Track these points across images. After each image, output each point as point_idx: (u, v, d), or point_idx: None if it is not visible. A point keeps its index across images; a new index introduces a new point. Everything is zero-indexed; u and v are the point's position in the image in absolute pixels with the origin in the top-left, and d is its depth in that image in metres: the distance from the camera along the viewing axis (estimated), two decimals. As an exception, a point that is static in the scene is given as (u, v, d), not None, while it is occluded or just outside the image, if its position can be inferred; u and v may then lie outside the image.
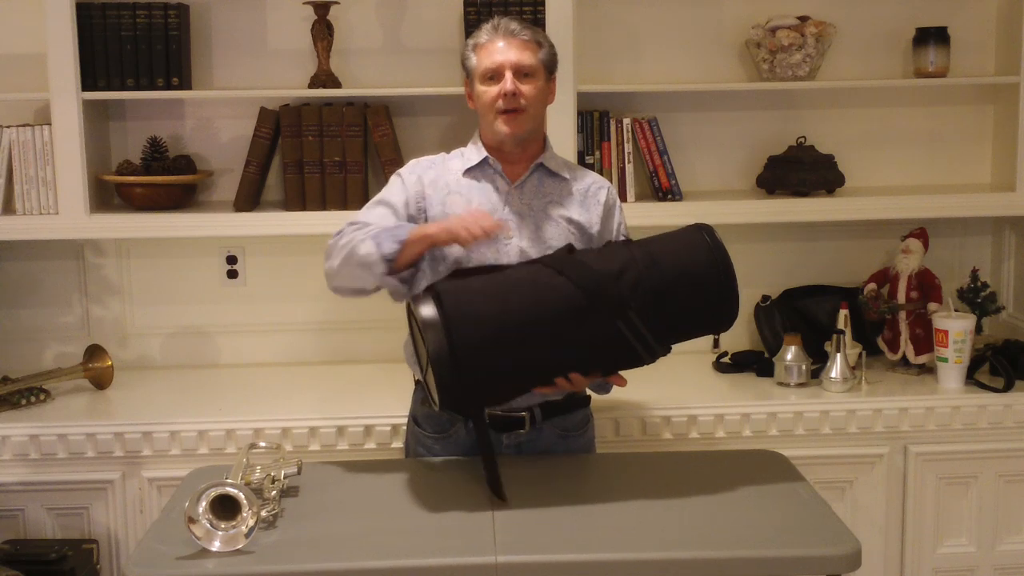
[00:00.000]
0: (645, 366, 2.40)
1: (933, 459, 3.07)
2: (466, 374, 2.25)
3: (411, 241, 2.42)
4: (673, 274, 2.35)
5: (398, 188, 2.61)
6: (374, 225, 2.50)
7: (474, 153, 2.60)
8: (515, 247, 2.53)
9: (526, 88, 2.51)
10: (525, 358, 2.31)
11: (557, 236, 2.55)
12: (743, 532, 2.20)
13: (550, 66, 2.59)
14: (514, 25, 2.54)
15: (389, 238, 2.42)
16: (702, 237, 2.41)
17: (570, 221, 2.58)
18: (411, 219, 2.56)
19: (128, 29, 3.16)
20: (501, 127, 2.52)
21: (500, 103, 2.50)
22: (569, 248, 2.47)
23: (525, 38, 2.53)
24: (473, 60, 2.55)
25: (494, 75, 2.51)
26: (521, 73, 2.51)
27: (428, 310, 2.28)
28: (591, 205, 2.61)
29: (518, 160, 2.59)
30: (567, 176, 2.62)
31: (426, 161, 2.66)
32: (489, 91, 2.52)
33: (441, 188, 2.58)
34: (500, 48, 2.51)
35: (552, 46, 2.60)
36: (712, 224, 3.31)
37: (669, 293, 2.34)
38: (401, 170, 2.65)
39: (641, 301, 2.31)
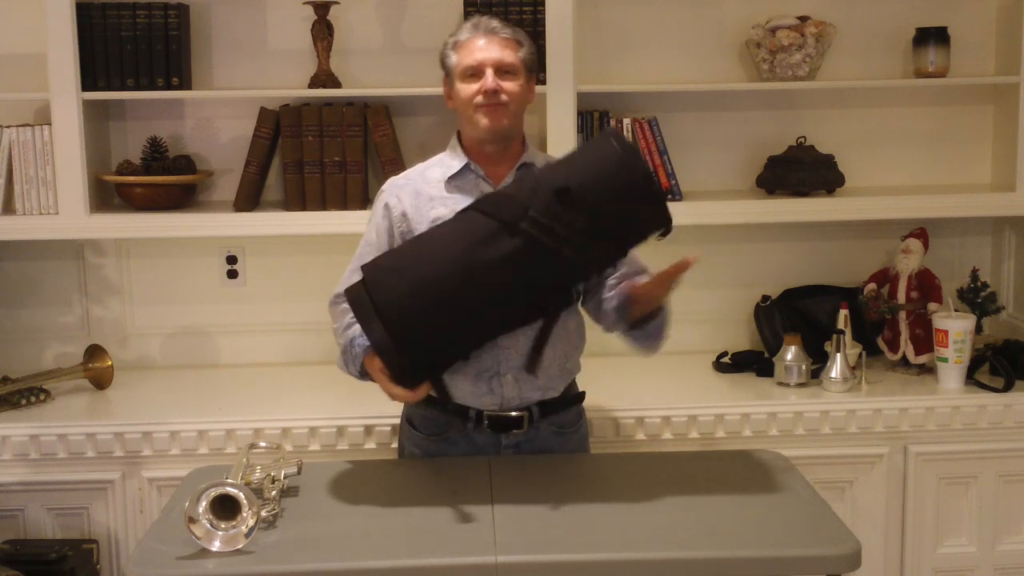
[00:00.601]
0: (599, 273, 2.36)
1: (933, 459, 3.07)
2: (414, 351, 2.28)
3: (366, 364, 2.48)
4: (574, 168, 2.32)
5: (381, 219, 2.59)
6: (349, 316, 2.51)
7: (455, 160, 2.58)
8: None
9: (507, 85, 2.49)
10: (469, 311, 2.29)
11: None
12: (743, 532, 2.20)
13: (530, 66, 2.57)
14: (495, 23, 2.53)
15: (351, 361, 2.53)
16: (609, 142, 2.34)
17: None
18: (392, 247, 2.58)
19: (128, 29, 3.16)
20: (481, 119, 2.50)
21: (480, 98, 2.49)
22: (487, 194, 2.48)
23: (506, 36, 2.52)
24: (453, 58, 2.54)
25: (475, 72, 2.50)
26: (502, 71, 2.50)
27: (361, 300, 2.30)
28: None
29: (500, 161, 2.57)
30: None
31: (401, 179, 2.63)
32: (469, 88, 2.50)
33: (424, 202, 2.56)
34: (481, 46, 2.50)
35: (532, 45, 2.59)
36: (712, 224, 3.35)
37: (572, 186, 2.26)
38: (382, 194, 2.62)
39: (542, 200, 2.25)
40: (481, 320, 2.33)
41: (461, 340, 2.36)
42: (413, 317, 2.27)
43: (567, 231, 2.25)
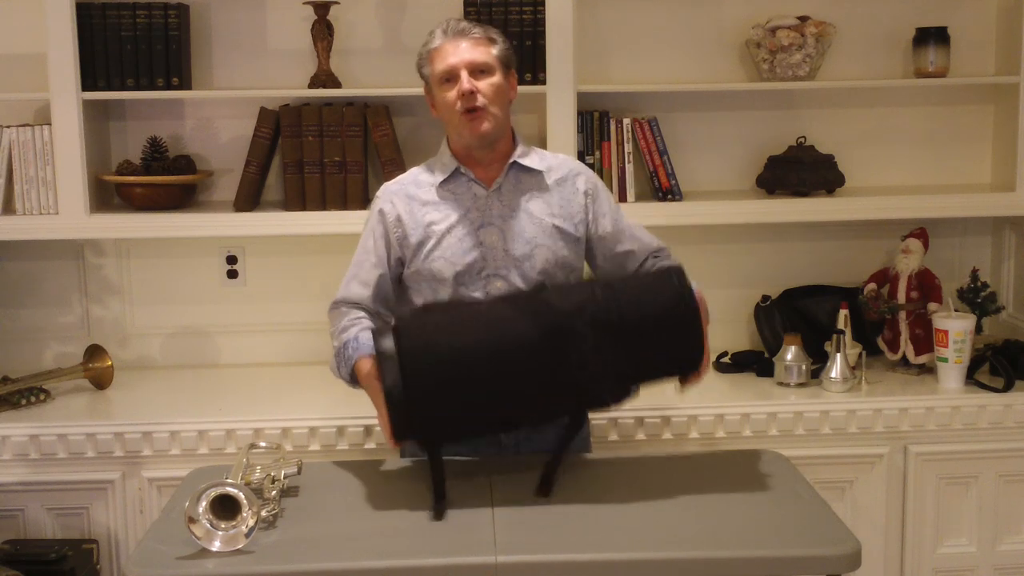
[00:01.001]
0: (610, 408, 2.37)
1: (933, 459, 3.07)
2: (419, 411, 2.27)
3: (356, 370, 2.47)
4: (633, 311, 2.33)
5: (376, 224, 2.60)
6: (346, 319, 2.55)
7: (445, 165, 2.59)
8: (500, 250, 2.53)
9: (483, 85, 2.49)
10: (482, 395, 2.30)
11: (541, 233, 2.55)
12: (743, 532, 2.20)
13: (506, 62, 2.56)
14: (464, 24, 2.54)
15: (343, 363, 2.51)
16: (671, 279, 2.38)
17: (552, 215, 2.57)
18: (389, 257, 2.58)
19: (128, 29, 3.16)
20: (464, 130, 2.51)
21: (460, 104, 2.49)
22: (540, 286, 2.47)
23: (477, 35, 2.52)
24: (428, 68, 2.55)
25: (450, 77, 2.50)
26: (476, 71, 2.49)
27: (386, 344, 2.30)
28: (569, 194, 2.61)
29: (490, 161, 2.57)
30: (542, 169, 2.61)
31: (394, 185, 2.64)
32: (448, 95, 2.51)
33: (417, 207, 2.57)
34: (452, 50, 2.50)
35: (506, 42, 2.57)
36: (712, 224, 3.35)
37: (627, 329, 2.31)
38: (377, 200, 2.63)
39: (596, 335, 2.30)
40: (487, 413, 2.33)
41: (463, 422, 2.34)
42: (429, 380, 2.28)
43: (605, 370, 2.30)
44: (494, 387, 2.29)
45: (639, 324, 2.32)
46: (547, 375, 2.30)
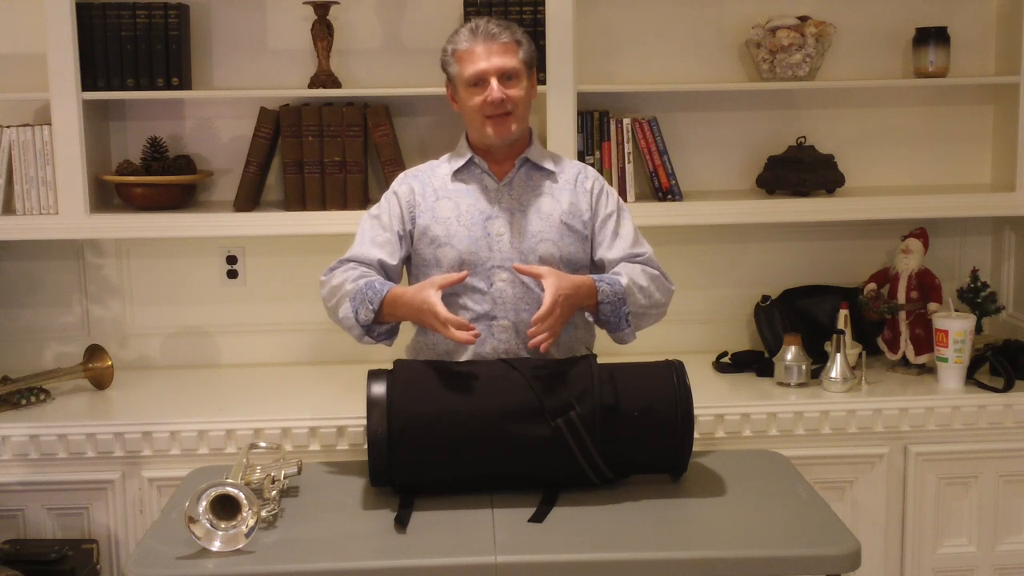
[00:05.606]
0: (592, 487, 2.36)
1: (933, 459, 3.07)
2: (399, 461, 2.30)
3: (388, 302, 2.46)
4: (627, 395, 2.35)
5: (390, 201, 2.66)
6: (359, 271, 2.54)
7: (461, 155, 2.65)
8: (506, 242, 2.56)
9: (512, 92, 2.53)
10: (465, 455, 2.31)
11: (548, 228, 2.59)
12: (743, 532, 2.20)
13: (531, 63, 2.61)
14: (493, 28, 2.55)
15: (364, 303, 2.47)
16: (670, 372, 2.41)
17: (560, 212, 2.61)
18: (402, 232, 2.61)
19: (128, 29, 3.16)
20: (489, 132, 2.55)
21: (488, 109, 2.52)
22: (544, 362, 2.46)
23: (505, 40, 2.54)
24: (455, 67, 2.58)
25: (478, 81, 2.53)
26: (505, 77, 2.53)
27: (377, 389, 2.33)
28: (580, 193, 2.65)
29: (505, 158, 2.63)
30: (553, 168, 2.66)
31: (413, 170, 2.71)
32: (474, 97, 2.54)
33: (429, 194, 2.62)
34: (482, 54, 2.53)
35: (531, 42, 2.62)
36: (712, 224, 3.35)
37: (618, 411, 2.33)
38: (392, 186, 2.69)
39: (587, 408, 2.31)
40: (466, 473, 2.35)
41: (440, 477, 2.36)
42: (416, 435, 2.30)
43: (594, 444, 2.30)
44: (479, 449, 2.31)
45: (629, 404, 2.34)
46: (532, 437, 2.30)
